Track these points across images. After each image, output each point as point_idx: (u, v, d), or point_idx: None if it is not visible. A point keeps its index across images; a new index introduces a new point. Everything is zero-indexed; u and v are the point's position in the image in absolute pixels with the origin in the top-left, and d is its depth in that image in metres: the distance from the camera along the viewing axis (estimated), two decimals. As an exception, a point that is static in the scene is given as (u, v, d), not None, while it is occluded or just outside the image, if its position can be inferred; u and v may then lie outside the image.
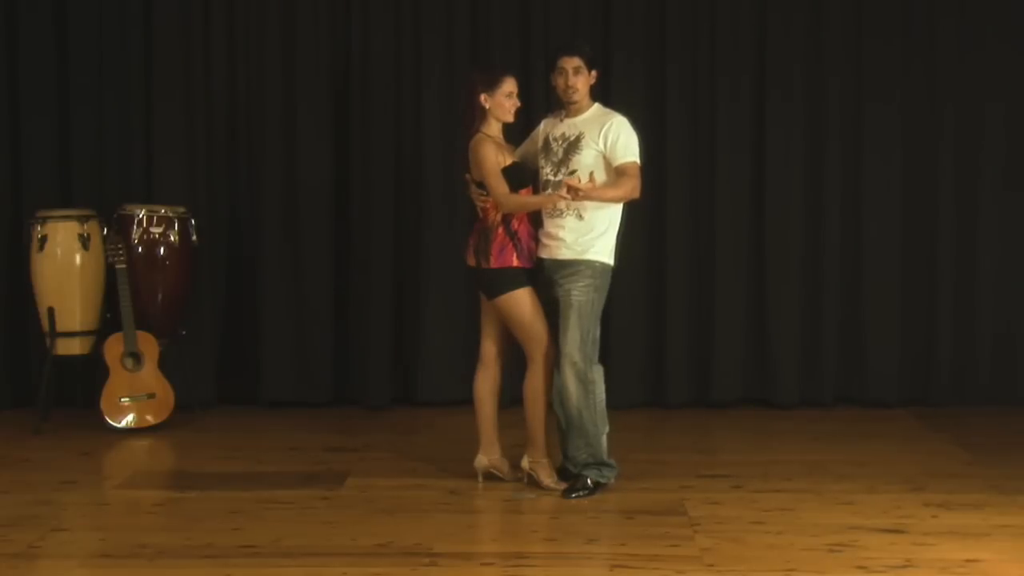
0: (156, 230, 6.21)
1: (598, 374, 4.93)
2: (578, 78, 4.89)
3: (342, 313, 6.69)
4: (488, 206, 4.92)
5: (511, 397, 6.53)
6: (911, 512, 4.65)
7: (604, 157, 4.86)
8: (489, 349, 5.09)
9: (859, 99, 6.64)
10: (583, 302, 4.84)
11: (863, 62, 6.62)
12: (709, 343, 6.66)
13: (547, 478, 4.99)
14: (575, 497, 4.87)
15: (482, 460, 5.10)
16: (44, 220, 6.14)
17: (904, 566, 4.04)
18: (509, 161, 4.92)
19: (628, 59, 6.54)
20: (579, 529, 4.49)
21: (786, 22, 6.58)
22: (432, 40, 6.59)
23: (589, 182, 4.66)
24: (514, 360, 5.24)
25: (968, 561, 4.08)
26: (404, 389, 6.73)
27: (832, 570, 4.00)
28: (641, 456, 5.40)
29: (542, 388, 4.95)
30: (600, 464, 4.96)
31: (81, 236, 6.13)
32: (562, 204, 4.78)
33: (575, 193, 4.63)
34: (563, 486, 4.96)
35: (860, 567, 4.03)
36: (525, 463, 5.03)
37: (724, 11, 6.59)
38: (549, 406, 5.00)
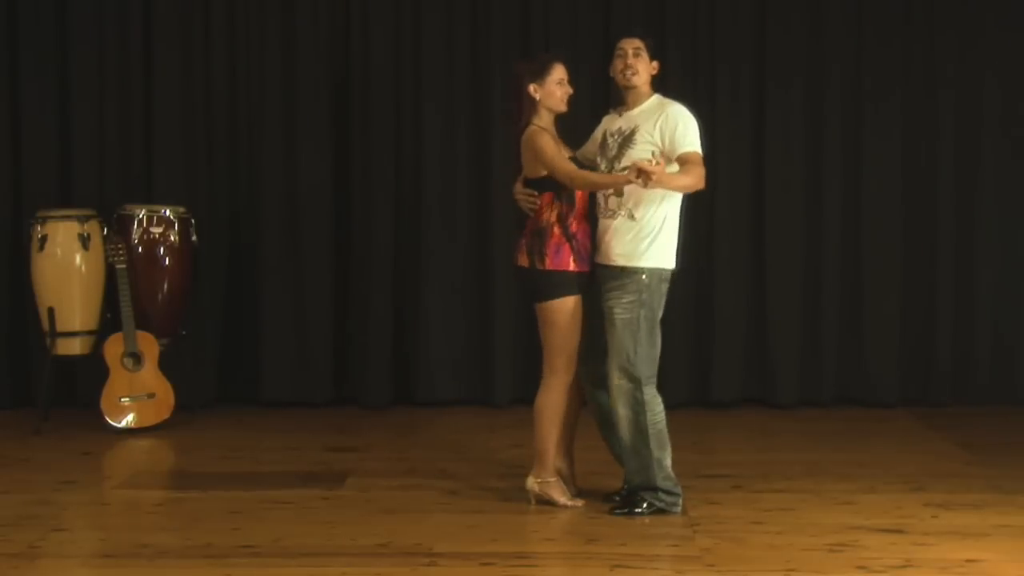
0: (156, 230, 6.21)
1: (651, 395, 4.59)
2: (638, 60, 4.59)
3: (342, 313, 6.70)
4: (541, 206, 4.61)
5: (511, 398, 6.57)
6: (911, 512, 4.65)
7: (662, 152, 4.51)
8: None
9: (859, 99, 6.64)
10: (626, 320, 4.54)
11: (863, 62, 6.62)
12: (709, 343, 6.66)
13: (560, 496, 4.71)
14: (619, 514, 4.60)
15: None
16: (44, 220, 6.14)
17: (904, 566, 4.03)
18: (567, 155, 4.65)
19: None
20: (579, 529, 4.48)
21: (785, 20, 6.58)
22: (432, 40, 6.59)
23: (657, 164, 4.28)
24: (531, 363, 5.12)
25: (968, 561, 4.08)
26: (404, 389, 6.72)
27: (832, 570, 4.00)
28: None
29: (557, 405, 4.65)
30: (656, 489, 4.61)
31: (81, 236, 6.13)
32: (629, 180, 4.32)
33: (647, 177, 4.24)
34: (579, 503, 4.72)
35: (860, 567, 4.03)
36: (532, 484, 4.74)
37: (724, 8, 6.60)
38: (567, 425, 4.74)
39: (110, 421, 6.02)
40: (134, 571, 4.04)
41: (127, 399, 6.06)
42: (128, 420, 6.05)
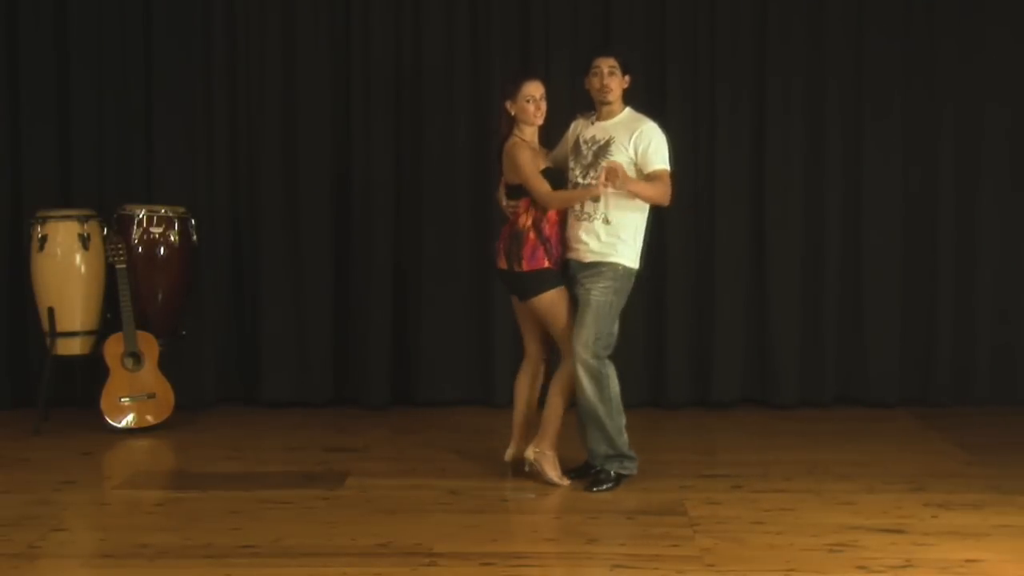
0: (156, 230, 6.21)
1: (610, 369, 4.98)
2: (612, 79, 4.97)
3: (342, 313, 6.70)
4: (519, 210, 4.97)
5: (511, 398, 6.56)
6: (911, 512, 4.65)
7: (635, 165, 4.91)
8: (531, 347, 5.20)
9: (859, 100, 6.64)
10: (601, 302, 4.91)
11: (863, 63, 6.62)
12: (709, 343, 6.66)
13: (551, 471, 5.05)
14: (599, 491, 4.96)
15: (510, 452, 5.21)
16: (44, 220, 6.14)
17: (904, 566, 4.04)
18: (543, 166, 4.97)
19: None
20: (579, 529, 4.49)
21: (786, 23, 6.58)
22: (432, 39, 6.59)
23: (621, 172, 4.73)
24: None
25: (968, 561, 4.08)
26: (404, 389, 6.73)
27: (832, 570, 4.01)
28: (641, 456, 5.37)
29: (566, 383, 5.02)
30: (621, 456, 5.04)
31: (81, 236, 6.13)
32: (599, 191, 4.79)
33: (613, 177, 4.68)
34: (566, 482, 5.04)
35: (860, 567, 4.03)
36: (530, 453, 5.09)
37: (724, 11, 6.59)
38: (571, 403, 5.08)
39: (110, 421, 6.02)
40: (134, 571, 4.04)
41: (127, 399, 6.06)
42: (128, 420, 6.05)
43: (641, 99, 6.44)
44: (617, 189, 4.76)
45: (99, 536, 4.45)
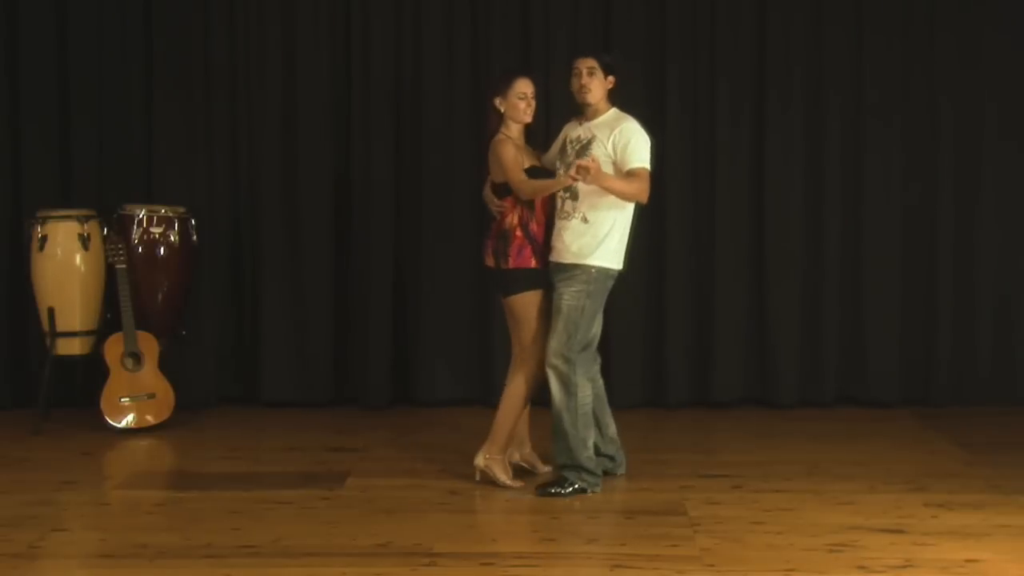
0: (156, 230, 6.21)
1: (582, 379, 4.91)
2: (592, 79, 4.94)
3: (342, 313, 6.70)
4: (504, 209, 4.96)
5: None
6: (911, 512, 4.65)
7: (614, 163, 4.87)
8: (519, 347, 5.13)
9: (859, 99, 6.63)
10: (572, 307, 4.86)
11: (863, 63, 6.62)
12: (709, 343, 6.66)
13: (502, 474, 5.02)
14: (549, 494, 4.89)
15: (513, 455, 5.17)
16: (44, 220, 6.14)
17: (904, 566, 4.04)
18: (528, 164, 4.96)
19: (628, 59, 6.52)
20: (579, 529, 4.49)
21: (786, 23, 6.58)
22: (432, 40, 6.59)
23: (593, 161, 4.68)
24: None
25: (968, 561, 4.09)
26: (404, 389, 6.73)
27: (832, 570, 4.01)
28: (641, 456, 5.40)
29: (521, 391, 4.99)
30: (579, 468, 4.92)
31: (81, 236, 6.13)
32: (569, 181, 4.74)
33: (585, 173, 4.61)
34: (519, 484, 4.99)
35: (860, 567, 4.03)
36: (480, 460, 5.05)
37: (724, 10, 6.59)
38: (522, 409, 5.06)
39: (110, 421, 6.02)
40: (134, 571, 4.04)
41: (127, 399, 6.06)
42: (128, 420, 6.05)
43: (641, 98, 6.50)
44: (588, 183, 4.72)
45: (99, 536, 4.45)
